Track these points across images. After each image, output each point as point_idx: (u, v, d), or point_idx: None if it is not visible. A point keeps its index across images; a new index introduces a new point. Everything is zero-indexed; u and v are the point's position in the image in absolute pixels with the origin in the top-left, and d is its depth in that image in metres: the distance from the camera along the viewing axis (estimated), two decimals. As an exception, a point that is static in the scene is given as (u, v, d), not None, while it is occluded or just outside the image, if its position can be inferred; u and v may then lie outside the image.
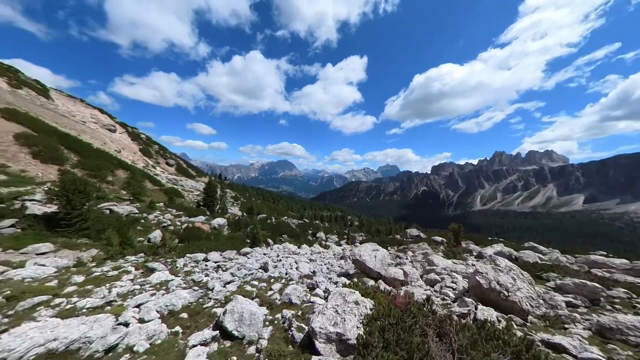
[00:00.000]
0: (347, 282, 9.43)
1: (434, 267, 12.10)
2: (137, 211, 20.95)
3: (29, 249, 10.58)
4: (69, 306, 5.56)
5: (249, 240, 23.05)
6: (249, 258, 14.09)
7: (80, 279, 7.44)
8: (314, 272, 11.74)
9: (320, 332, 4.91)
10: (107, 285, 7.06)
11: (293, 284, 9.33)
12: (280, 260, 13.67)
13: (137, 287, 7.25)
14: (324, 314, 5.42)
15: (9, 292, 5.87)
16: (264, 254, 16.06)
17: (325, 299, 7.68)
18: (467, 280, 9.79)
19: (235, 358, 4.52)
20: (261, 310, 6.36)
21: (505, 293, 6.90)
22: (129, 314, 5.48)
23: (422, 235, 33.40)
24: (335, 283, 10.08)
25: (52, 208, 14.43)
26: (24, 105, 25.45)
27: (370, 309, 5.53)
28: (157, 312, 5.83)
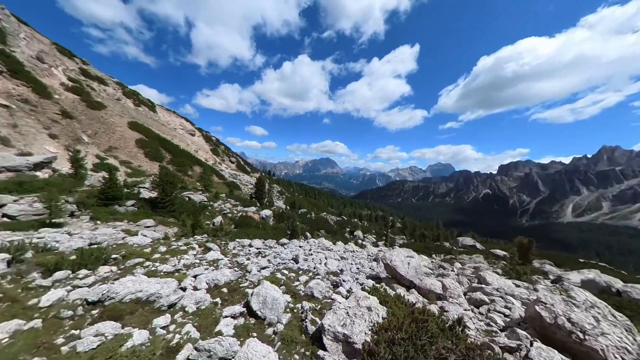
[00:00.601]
0: (373, 285, 9.08)
1: (484, 286, 10.13)
2: (206, 200, 25.79)
3: (140, 222, 14.73)
4: (152, 268, 7.58)
5: (289, 232, 24.88)
6: (285, 248, 15.36)
7: (163, 249, 9.96)
8: (341, 271, 11.80)
9: (328, 329, 5.04)
10: (178, 257, 9.19)
11: (319, 278, 9.70)
12: (311, 255, 14.31)
13: (197, 261, 9.13)
14: (336, 313, 5.49)
15: (123, 252, 8.50)
16: (300, 247, 17.13)
17: (346, 298, 7.71)
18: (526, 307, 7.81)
19: (255, 334, 5.17)
20: (284, 297, 6.96)
21: (580, 335, 5.18)
22: (188, 281, 7.02)
23: (478, 246, 28.08)
24: (361, 284, 9.87)
25: (154, 194, 19.44)
26: (141, 119, 34.98)
27: (383, 318, 5.25)
28: (206, 284, 7.22)
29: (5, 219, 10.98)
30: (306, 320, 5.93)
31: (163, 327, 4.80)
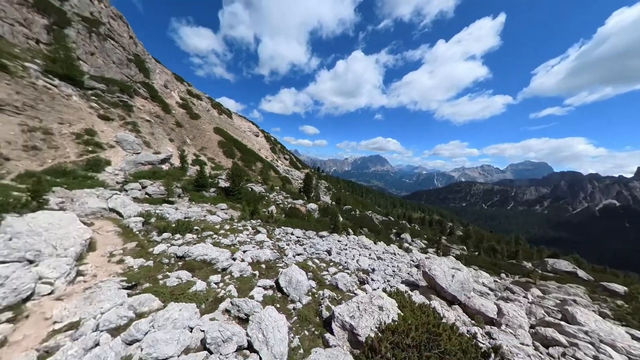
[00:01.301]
0: (397, 289, 8.46)
1: (566, 324, 7.54)
2: (264, 191, 29.88)
3: (218, 205, 18.89)
4: (217, 240, 9.88)
5: (331, 227, 25.65)
6: (322, 241, 16.19)
7: (227, 227, 12.63)
8: (372, 270, 11.47)
9: (338, 317, 5.33)
10: (236, 234, 11.48)
11: (347, 272, 9.91)
12: (345, 250, 14.50)
13: (248, 240, 11.13)
14: (348, 305, 5.70)
15: (203, 226, 11.41)
16: (338, 241, 17.59)
17: (368, 296, 7.64)
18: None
19: (278, 305, 6.08)
20: (309, 282, 7.66)
21: None
22: (238, 254, 8.78)
23: (581, 273, 20.15)
24: (392, 287, 9.40)
25: (228, 184, 24.25)
26: (222, 124, 43.76)
27: (393, 320, 5.05)
28: (251, 258, 8.80)
29: (146, 196, 16.70)
30: (322, 305, 6.40)
31: (215, 283, 6.40)
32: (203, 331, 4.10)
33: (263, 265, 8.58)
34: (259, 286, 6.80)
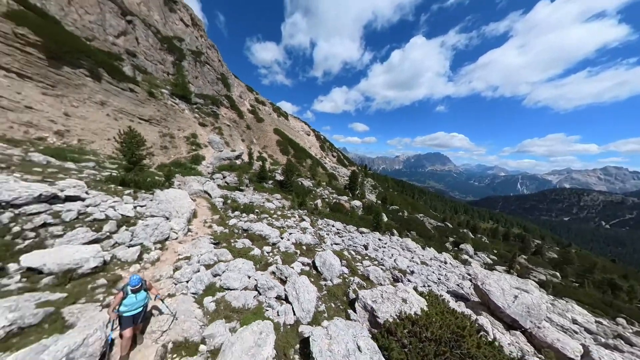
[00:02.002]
0: (430, 290, 7.87)
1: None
2: (312, 186, 32.19)
3: (274, 195, 22.14)
4: (271, 222, 12.02)
5: (374, 225, 25.12)
6: (362, 236, 16.41)
7: (279, 212, 14.91)
8: (411, 272, 10.95)
9: (361, 298, 5.89)
10: (285, 219, 13.48)
11: (381, 268, 10.03)
12: (384, 248, 14.24)
13: (294, 225, 12.88)
14: (372, 291, 6.14)
15: (261, 210, 14.01)
16: (379, 239, 17.34)
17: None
18: None
19: (312, 279, 7.16)
20: (342, 268, 8.43)
21: None
22: (285, 234, 10.49)
23: None
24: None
25: (282, 177, 27.67)
26: (280, 126, 49.37)
27: (415, 313, 5.15)
28: (295, 239, 10.33)
29: (225, 183, 21.62)
30: (350, 288, 7.04)
31: (267, 252, 8.13)
32: (256, 280, 5.62)
33: (304, 247, 9.92)
34: (299, 262, 8.10)
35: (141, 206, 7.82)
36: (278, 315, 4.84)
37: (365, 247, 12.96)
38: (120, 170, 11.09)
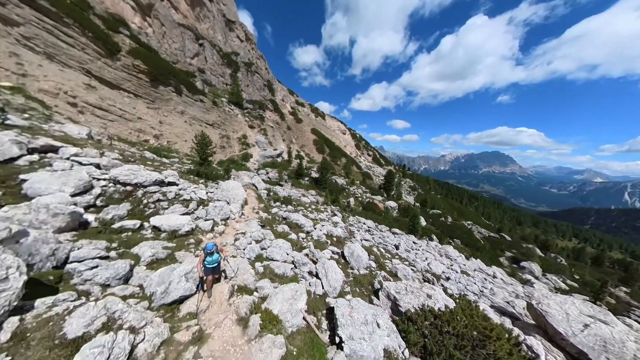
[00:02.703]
0: (463, 294, 7.38)
1: None
2: (345, 184, 32.63)
3: (309, 191, 23.72)
4: (306, 213, 13.29)
5: (411, 228, 23.82)
6: (394, 236, 16.10)
7: (313, 207, 16.16)
8: (447, 278, 10.38)
9: (385, 288, 6.34)
10: (318, 213, 14.59)
11: (411, 269, 9.95)
12: (416, 250, 13.69)
13: (326, 219, 13.84)
14: (397, 283, 6.47)
15: (298, 203, 15.52)
16: (413, 242, 16.63)
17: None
18: None
19: (340, 266, 7.94)
20: (369, 261, 8.90)
21: None
22: (318, 225, 11.53)
23: None
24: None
25: (317, 175, 29.13)
26: (317, 125, 51.26)
27: (439, 309, 5.29)
28: (327, 231, 11.25)
29: (268, 178, 24.42)
30: (376, 280, 7.48)
31: (302, 238, 9.30)
32: (293, 257, 6.76)
33: (334, 238, 10.74)
34: (329, 249, 8.97)
35: (210, 192, 10.10)
36: (309, 285, 5.82)
37: (397, 247, 12.86)
38: (195, 165, 14.26)
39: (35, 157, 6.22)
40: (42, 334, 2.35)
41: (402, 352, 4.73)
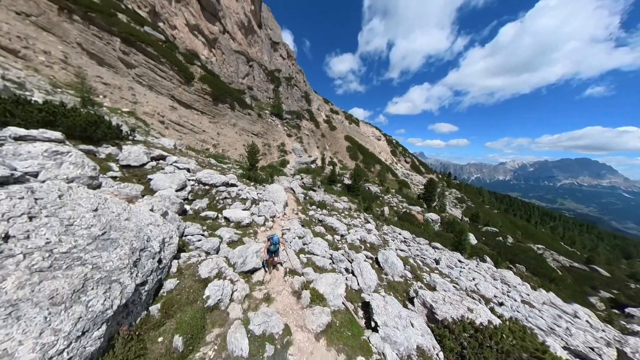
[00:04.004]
0: (514, 318, 6.79)
1: None
2: (379, 192, 32.23)
3: (341, 198, 24.61)
4: (340, 218, 14.19)
5: (457, 245, 21.53)
6: (434, 251, 15.36)
7: (346, 212, 16.92)
8: (500, 303, 9.57)
9: (421, 296, 6.68)
10: (351, 219, 15.29)
11: (454, 286, 9.64)
12: (461, 268, 12.80)
13: (359, 225, 14.42)
14: (434, 293, 6.73)
15: (331, 208, 16.56)
16: (459, 261, 15.43)
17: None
18: None
19: (374, 271, 8.51)
20: (405, 271, 9.15)
21: None
22: (352, 230, 12.28)
23: None
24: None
25: (349, 182, 29.79)
26: (351, 132, 52.14)
27: (481, 324, 5.40)
28: (360, 236, 11.90)
29: (303, 183, 26.38)
30: (411, 288, 7.75)
31: (337, 240, 10.22)
32: (331, 254, 7.74)
33: (368, 244, 11.29)
34: (363, 254, 9.62)
35: (260, 194, 12.08)
36: (346, 280, 6.66)
37: (437, 262, 12.43)
38: (245, 170, 16.96)
39: (154, 163, 9.02)
40: (189, 272, 3.93)
41: (437, 354, 5.08)
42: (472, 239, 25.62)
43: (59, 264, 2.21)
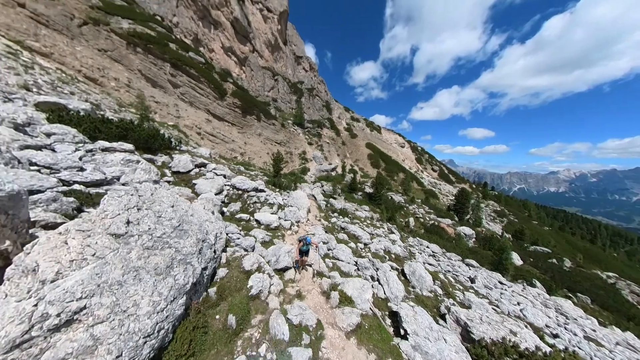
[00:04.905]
0: (575, 353, 6.01)
1: None
2: (403, 202, 31.23)
3: (362, 206, 24.48)
4: (362, 226, 14.23)
5: (498, 265, 19.05)
6: (468, 269, 14.33)
7: (368, 221, 16.85)
8: (554, 335, 8.51)
9: (455, 312, 6.50)
10: (374, 228, 15.20)
11: (494, 307, 8.97)
12: (502, 290, 11.71)
13: (383, 235, 14.27)
14: (469, 311, 6.48)
15: (353, 216, 16.67)
16: (499, 282, 14.00)
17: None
18: None
19: (401, 282, 8.43)
20: (433, 285, 8.85)
21: None
22: (375, 240, 12.25)
23: None
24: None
25: (371, 190, 29.49)
26: (372, 139, 51.91)
27: (527, 349, 5.13)
28: (384, 246, 11.81)
29: (323, 191, 26.92)
30: (442, 304, 7.46)
31: (360, 248, 10.34)
32: (356, 260, 7.95)
33: (393, 255, 11.16)
34: (388, 263, 9.58)
35: (285, 199, 12.87)
36: (372, 287, 6.78)
37: (471, 281, 11.64)
38: (270, 177, 18.16)
39: (197, 170, 10.41)
40: (235, 264, 4.60)
41: (472, 372, 4.90)
42: (516, 259, 22.90)
43: (157, 245, 2.97)
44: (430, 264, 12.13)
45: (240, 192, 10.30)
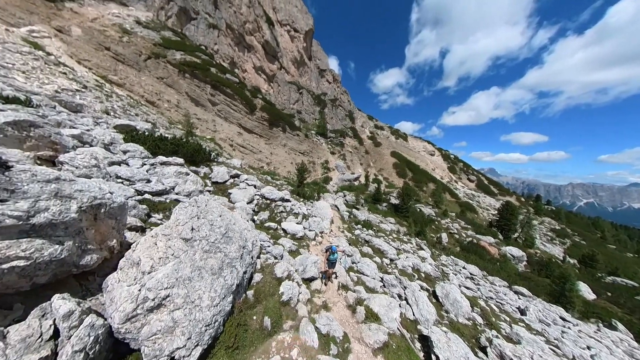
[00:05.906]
0: None
1: None
2: (434, 215, 29.43)
3: (387, 218, 23.78)
4: (387, 240, 13.89)
5: (558, 297, 16.01)
6: (518, 297, 12.82)
7: (394, 235, 16.33)
8: None
9: (497, 346, 6.15)
10: (401, 243, 14.68)
11: (552, 347, 7.93)
12: (559, 327, 10.16)
13: (411, 251, 13.71)
14: (516, 346, 6.00)
15: (377, 228, 16.36)
16: (561, 318, 12.10)
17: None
18: None
19: (433, 307, 8.03)
20: (471, 312, 8.19)
21: None
22: (402, 256, 11.88)
23: None
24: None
25: (397, 201, 28.52)
26: (398, 148, 50.53)
27: None
28: (412, 263, 11.39)
29: (345, 201, 26.93)
30: (482, 335, 6.85)
31: (386, 264, 10.15)
32: (381, 276, 7.90)
33: (422, 274, 10.70)
34: (417, 282, 9.23)
35: (309, 209, 13.41)
36: (400, 306, 6.66)
37: (521, 312, 10.39)
38: (294, 187, 19.05)
39: (232, 180, 11.66)
40: (268, 271, 5.13)
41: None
42: (587, 292, 19.13)
43: (212, 249, 3.63)
44: (467, 287, 11.21)
45: (268, 201, 11.15)
